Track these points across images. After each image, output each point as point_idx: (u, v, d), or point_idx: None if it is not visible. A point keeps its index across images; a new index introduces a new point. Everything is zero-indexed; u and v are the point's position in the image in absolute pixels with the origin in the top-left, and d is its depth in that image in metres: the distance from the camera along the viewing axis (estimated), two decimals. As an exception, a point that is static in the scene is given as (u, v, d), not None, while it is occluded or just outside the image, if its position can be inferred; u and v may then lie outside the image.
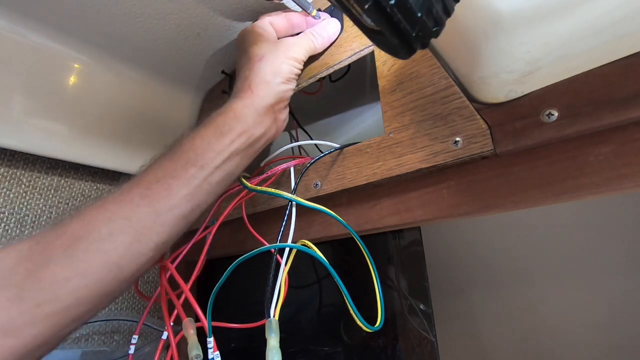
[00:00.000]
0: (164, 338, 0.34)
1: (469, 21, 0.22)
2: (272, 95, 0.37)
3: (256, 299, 0.32)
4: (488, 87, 0.26)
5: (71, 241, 0.29)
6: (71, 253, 0.29)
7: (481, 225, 0.71)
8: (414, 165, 0.31)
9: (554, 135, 0.24)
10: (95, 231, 0.30)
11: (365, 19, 0.19)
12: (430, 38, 0.21)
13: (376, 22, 0.19)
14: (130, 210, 0.31)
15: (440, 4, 0.19)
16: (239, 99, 0.36)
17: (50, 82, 0.47)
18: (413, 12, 0.19)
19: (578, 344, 0.59)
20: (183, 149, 0.34)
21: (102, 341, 0.53)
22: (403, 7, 0.18)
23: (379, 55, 0.35)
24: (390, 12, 0.18)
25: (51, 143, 0.49)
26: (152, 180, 0.32)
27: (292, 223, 0.33)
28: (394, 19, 0.19)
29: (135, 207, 0.31)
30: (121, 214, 0.31)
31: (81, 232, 0.30)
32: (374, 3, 0.18)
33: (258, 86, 0.37)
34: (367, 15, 0.19)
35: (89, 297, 0.29)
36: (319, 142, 0.40)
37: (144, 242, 0.31)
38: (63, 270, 0.28)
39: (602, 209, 0.59)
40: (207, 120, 0.35)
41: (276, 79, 0.37)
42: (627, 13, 0.18)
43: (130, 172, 0.57)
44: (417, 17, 0.19)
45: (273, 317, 0.27)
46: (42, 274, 0.28)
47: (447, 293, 0.72)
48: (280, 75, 0.37)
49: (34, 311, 0.27)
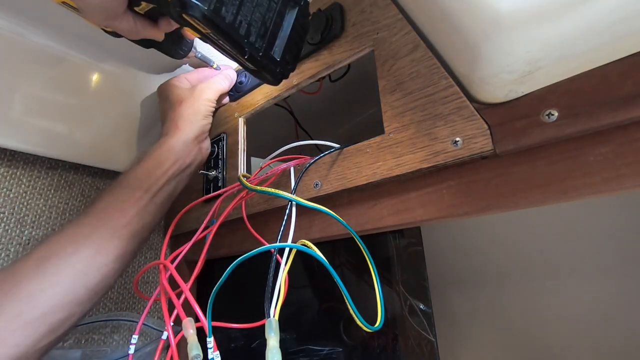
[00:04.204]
0: (163, 338, 0.34)
1: (469, 21, 0.22)
2: (195, 129, 0.46)
3: (256, 299, 0.31)
4: (488, 87, 0.26)
5: (40, 261, 0.34)
6: (43, 270, 0.34)
7: (481, 225, 0.71)
8: (414, 165, 0.31)
9: (554, 135, 0.24)
10: (62, 249, 0.35)
11: (247, 64, 0.31)
12: (288, 73, 0.34)
13: (253, 65, 0.31)
14: (89, 230, 0.37)
15: (290, 54, 0.32)
16: (169, 136, 0.45)
17: (50, 82, 0.47)
18: (274, 58, 0.32)
19: (578, 344, 0.59)
20: (129, 178, 0.41)
21: (102, 341, 0.53)
22: (267, 56, 0.31)
23: (379, 55, 0.35)
24: (260, 59, 0.30)
25: (51, 143, 0.49)
26: (105, 205, 0.39)
27: (292, 223, 0.33)
28: (263, 63, 0.31)
29: (94, 228, 0.37)
30: (82, 234, 0.37)
31: (48, 254, 0.35)
32: (249, 55, 0.29)
33: (184, 125, 0.45)
34: (247, 61, 0.30)
35: (62, 304, 0.34)
36: (319, 142, 0.40)
37: (105, 253, 0.37)
38: (37, 284, 0.33)
39: (602, 209, 0.59)
40: (145, 155, 0.43)
41: (197, 117, 0.46)
42: (627, 13, 0.18)
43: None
44: (277, 61, 0.32)
45: (273, 317, 0.27)
46: (18, 291, 0.32)
47: (447, 293, 0.72)
48: (200, 114, 0.47)
49: (15, 320, 0.31)
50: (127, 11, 0.31)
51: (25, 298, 0.32)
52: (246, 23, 0.29)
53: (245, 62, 0.31)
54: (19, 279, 0.33)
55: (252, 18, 0.29)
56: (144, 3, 0.31)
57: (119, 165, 0.56)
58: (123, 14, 0.31)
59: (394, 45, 0.34)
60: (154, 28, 0.34)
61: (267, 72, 0.32)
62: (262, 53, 0.30)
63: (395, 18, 0.34)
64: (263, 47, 0.30)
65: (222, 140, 0.51)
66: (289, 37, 0.32)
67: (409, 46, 0.32)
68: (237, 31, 0.28)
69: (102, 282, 0.37)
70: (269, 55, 0.31)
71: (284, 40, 0.32)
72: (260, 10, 0.29)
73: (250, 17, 0.29)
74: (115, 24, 0.31)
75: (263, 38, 0.30)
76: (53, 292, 0.33)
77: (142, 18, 0.33)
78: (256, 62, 0.31)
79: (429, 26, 0.30)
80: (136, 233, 0.39)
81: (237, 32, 0.28)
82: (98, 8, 0.29)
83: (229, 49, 0.29)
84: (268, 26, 0.30)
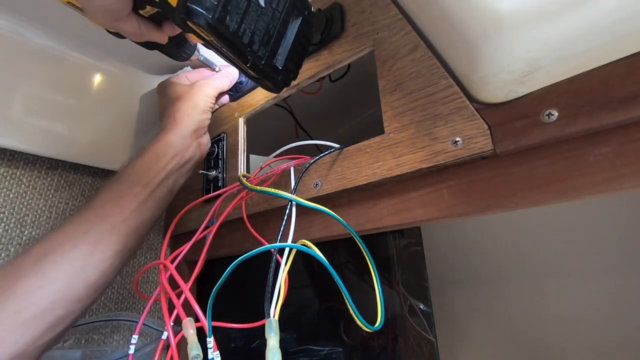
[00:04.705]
0: (164, 338, 0.34)
1: (469, 21, 0.22)
2: (193, 124, 0.45)
3: (256, 299, 0.31)
4: (488, 87, 0.26)
5: (38, 258, 0.34)
6: (41, 266, 0.33)
7: (481, 225, 0.71)
8: (414, 165, 0.31)
9: (554, 135, 0.24)
10: (60, 246, 0.35)
11: (249, 72, 0.31)
12: (290, 81, 0.34)
13: (255, 72, 0.31)
14: (88, 226, 0.37)
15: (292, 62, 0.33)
16: (167, 131, 0.44)
17: (50, 82, 0.47)
18: (276, 66, 0.32)
19: (579, 343, 0.59)
20: (127, 174, 0.41)
21: (102, 341, 0.53)
22: (269, 64, 0.31)
23: (379, 55, 0.35)
24: (262, 68, 0.31)
25: (51, 143, 0.49)
26: (103, 201, 0.39)
27: (292, 223, 0.33)
28: (265, 71, 0.31)
29: (92, 224, 0.37)
30: (80, 230, 0.36)
31: (46, 250, 0.34)
32: (252, 63, 0.30)
33: (182, 118, 0.45)
34: (250, 69, 0.30)
35: (61, 301, 0.34)
36: (319, 142, 0.40)
37: (104, 249, 0.36)
38: (35, 281, 0.33)
39: (602, 209, 0.59)
40: (143, 150, 0.43)
41: (195, 111, 0.46)
42: (627, 13, 0.18)
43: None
44: (279, 69, 0.32)
45: (273, 317, 0.27)
46: (16, 288, 0.32)
47: (447, 293, 0.72)
48: (198, 108, 0.46)
49: (14, 317, 0.31)
50: (132, 14, 0.32)
51: (24, 295, 0.32)
52: (250, 32, 0.29)
53: (247, 69, 0.31)
54: (17, 276, 0.33)
55: (256, 27, 0.29)
56: (149, 7, 0.31)
57: (118, 165, 0.56)
58: (127, 16, 0.31)
59: (394, 45, 0.34)
60: (158, 31, 0.35)
61: (269, 80, 0.32)
62: (264, 61, 0.31)
63: (395, 18, 0.34)
64: (266, 56, 0.30)
65: (222, 140, 0.51)
66: (292, 46, 0.32)
67: (409, 46, 0.32)
68: (241, 39, 0.28)
69: (101, 279, 0.36)
70: (272, 64, 0.31)
71: (287, 49, 0.32)
72: (265, 20, 0.29)
73: (254, 25, 0.29)
74: (119, 25, 0.32)
75: (266, 46, 0.30)
76: (52, 288, 0.33)
77: (146, 21, 0.33)
78: (258, 70, 0.31)
79: (429, 26, 0.30)
80: (135, 229, 0.39)
81: (241, 41, 0.28)
82: (102, 9, 0.29)
83: (231, 56, 0.29)
84: (272, 35, 0.30)
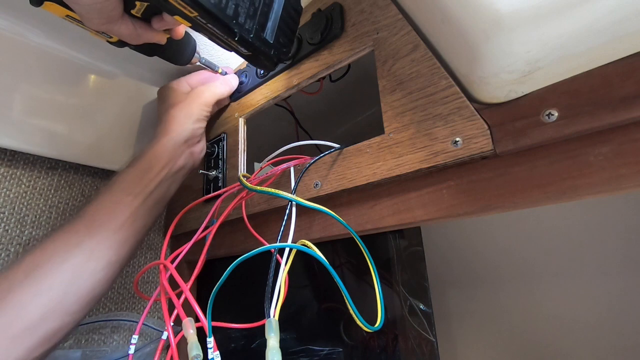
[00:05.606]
0: (164, 338, 0.34)
1: (469, 21, 0.22)
2: (185, 132, 0.45)
3: (256, 299, 0.32)
4: (488, 87, 0.26)
5: (30, 269, 0.33)
6: (33, 277, 0.33)
7: (481, 225, 0.71)
8: (413, 165, 0.31)
9: (554, 135, 0.24)
10: (52, 257, 0.34)
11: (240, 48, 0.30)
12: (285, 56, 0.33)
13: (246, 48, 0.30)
14: (79, 237, 0.36)
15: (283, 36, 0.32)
16: (159, 139, 0.44)
17: (50, 82, 0.47)
18: (266, 40, 0.31)
19: (579, 343, 0.59)
20: (120, 182, 0.40)
21: (102, 341, 0.53)
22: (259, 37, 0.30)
23: (379, 55, 0.35)
24: (252, 41, 0.30)
25: (51, 143, 0.49)
26: (95, 210, 0.38)
27: (292, 223, 0.33)
28: (255, 45, 0.30)
29: (84, 235, 0.36)
30: (73, 241, 0.36)
31: (39, 261, 0.34)
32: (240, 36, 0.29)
33: (174, 127, 0.45)
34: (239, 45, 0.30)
35: (53, 313, 0.33)
36: (319, 142, 0.40)
37: (96, 260, 0.36)
38: (28, 292, 0.32)
39: (602, 209, 0.59)
40: (136, 158, 0.43)
41: (188, 120, 0.45)
42: (627, 13, 0.18)
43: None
44: (270, 43, 0.31)
45: (273, 317, 0.27)
46: (9, 300, 0.32)
47: (447, 293, 0.72)
48: (192, 117, 0.46)
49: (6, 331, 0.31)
50: (125, 15, 0.32)
51: (18, 305, 0.32)
52: (233, 3, 0.28)
53: (237, 46, 0.30)
54: (8, 286, 0.32)
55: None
56: (137, 2, 0.31)
57: (118, 166, 0.56)
58: (121, 17, 0.31)
59: (394, 45, 0.34)
60: (153, 31, 0.35)
61: (262, 55, 0.32)
62: (253, 34, 0.30)
63: (395, 18, 0.34)
64: (254, 29, 0.30)
65: (223, 140, 0.51)
66: (281, 18, 0.32)
67: (409, 46, 0.32)
68: (224, 11, 0.28)
69: (93, 291, 0.36)
70: (261, 37, 0.31)
71: (276, 21, 0.32)
72: None
73: None
74: (115, 28, 0.32)
75: (253, 19, 0.30)
76: (44, 299, 0.33)
77: (140, 21, 0.34)
78: (249, 45, 0.30)
79: (429, 26, 0.30)
80: (128, 238, 0.39)
81: (224, 13, 0.28)
82: (93, 10, 0.29)
83: (219, 33, 0.29)
84: (257, 6, 0.30)
